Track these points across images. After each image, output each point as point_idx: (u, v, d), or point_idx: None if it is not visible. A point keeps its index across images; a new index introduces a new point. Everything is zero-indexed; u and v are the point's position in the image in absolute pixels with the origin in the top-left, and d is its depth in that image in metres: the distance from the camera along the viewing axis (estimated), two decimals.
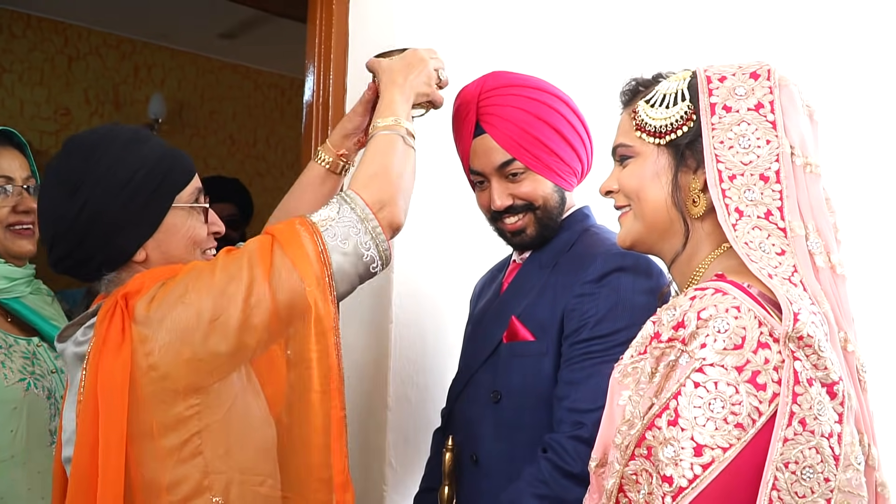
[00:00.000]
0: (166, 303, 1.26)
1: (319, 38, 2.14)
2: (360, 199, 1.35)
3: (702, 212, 1.16)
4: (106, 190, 1.30)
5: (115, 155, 1.32)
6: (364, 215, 1.34)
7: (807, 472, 0.96)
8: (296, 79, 5.38)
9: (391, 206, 1.37)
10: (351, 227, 1.33)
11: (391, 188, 1.38)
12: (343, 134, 1.67)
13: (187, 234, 1.38)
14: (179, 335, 1.24)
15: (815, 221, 1.11)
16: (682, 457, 0.97)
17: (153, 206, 1.34)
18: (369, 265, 1.34)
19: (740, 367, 0.98)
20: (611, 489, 1.07)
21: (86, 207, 1.29)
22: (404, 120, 1.46)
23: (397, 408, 1.97)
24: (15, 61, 4.51)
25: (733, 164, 1.12)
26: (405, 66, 1.53)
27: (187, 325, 1.24)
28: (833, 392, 0.99)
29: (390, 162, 1.41)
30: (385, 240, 1.36)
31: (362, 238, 1.33)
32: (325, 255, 1.29)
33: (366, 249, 1.33)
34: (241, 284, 1.25)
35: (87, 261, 1.33)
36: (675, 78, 1.20)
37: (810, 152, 1.14)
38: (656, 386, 1.04)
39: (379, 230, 1.35)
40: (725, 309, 1.01)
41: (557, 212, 1.64)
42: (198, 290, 1.26)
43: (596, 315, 1.50)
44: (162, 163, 1.35)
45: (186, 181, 1.39)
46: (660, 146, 1.19)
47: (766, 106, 1.13)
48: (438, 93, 1.59)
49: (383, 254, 1.36)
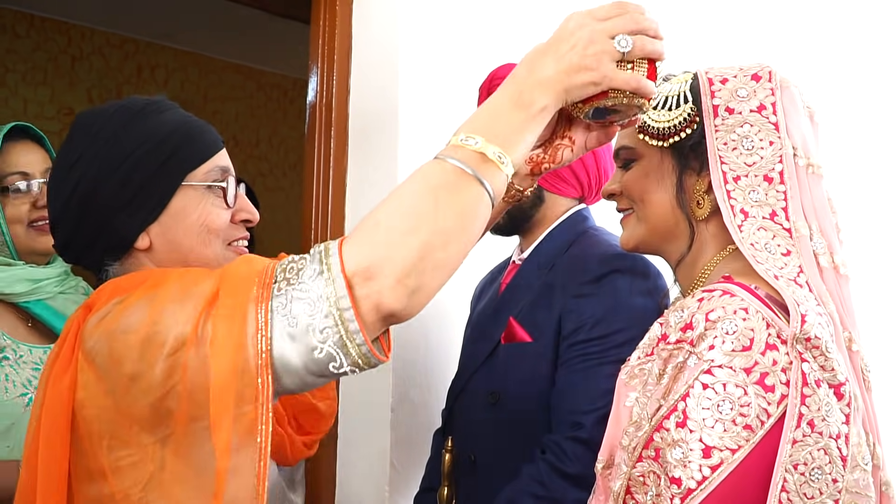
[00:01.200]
0: (112, 330, 0.99)
1: (322, 38, 2.15)
2: (337, 261, 0.90)
3: (706, 213, 1.16)
4: (101, 166, 1.11)
5: (116, 128, 1.13)
6: (333, 289, 0.89)
7: (815, 474, 0.97)
8: (299, 79, 5.39)
9: (386, 279, 0.89)
10: (309, 302, 0.90)
11: (399, 250, 0.90)
12: None
13: (200, 219, 1.14)
14: (106, 376, 0.98)
15: (818, 222, 1.12)
16: (690, 458, 0.97)
17: (157, 184, 1.12)
18: (327, 364, 0.91)
19: (749, 368, 0.98)
20: (618, 491, 1.07)
21: (79, 186, 1.11)
22: (491, 143, 0.94)
23: (399, 408, 1.97)
24: (18, 61, 4.52)
25: (737, 166, 1.12)
26: (545, 46, 1.00)
27: (115, 369, 0.97)
28: (840, 393, 0.99)
29: (418, 206, 0.92)
30: (359, 331, 0.89)
31: (318, 322, 0.89)
32: (265, 330, 0.91)
33: (320, 341, 0.89)
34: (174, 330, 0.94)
35: (87, 246, 1.15)
36: (676, 80, 1.21)
37: (812, 153, 1.14)
38: (664, 388, 1.04)
39: (350, 316, 0.89)
40: (734, 311, 1.01)
41: (528, 205, 1.63)
42: (133, 327, 0.97)
43: (593, 316, 1.50)
44: (173, 136, 1.14)
45: (203, 157, 1.16)
46: (663, 148, 1.19)
47: (769, 108, 1.13)
48: (629, 76, 0.98)
49: (354, 352, 0.90)
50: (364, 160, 2.07)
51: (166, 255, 1.14)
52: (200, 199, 1.15)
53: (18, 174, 1.70)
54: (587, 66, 0.97)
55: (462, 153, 0.94)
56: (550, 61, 0.97)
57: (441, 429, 1.81)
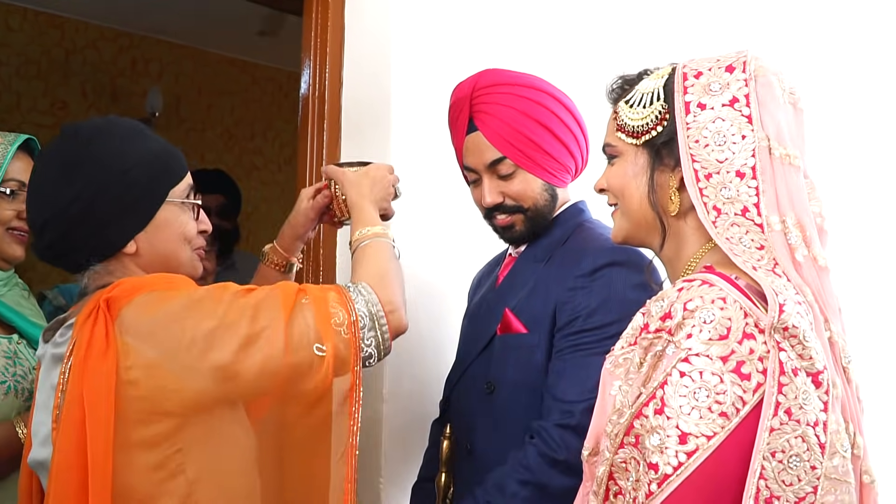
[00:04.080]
0: (158, 317, 1.22)
1: (315, 31, 2.14)
2: (375, 295, 1.34)
3: (676, 209, 1.18)
4: (103, 180, 1.28)
5: (114, 146, 1.31)
6: (376, 311, 1.33)
7: (793, 461, 0.98)
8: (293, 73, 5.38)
9: (399, 312, 1.37)
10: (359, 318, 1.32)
11: (399, 294, 1.39)
12: (295, 237, 1.68)
13: (178, 229, 1.37)
14: (166, 358, 1.20)
15: (794, 213, 1.12)
16: (667, 444, 0.99)
17: (148, 199, 1.33)
18: (365, 360, 1.32)
19: (725, 357, 1.00)
20: (601, 477, 1.08)
21: (81, 195, 1.27)
22: (388, 230, 1.49)
23: (392, 399, 1.98)
24: (12, 55, 4.51)
25: (709, 163, 1.13)
26: (371, 182, 1.57)
27: (177, 349, 1.20)
28: (818, 381, 1.01)
29: (393, 268, 1.42)
30: (389, 340, 1.36)
31: (367, 333, 1.32)
32: (356, 325, 1.30)
33: (367, 345, 1.31)
34: (250, 325, 1.23)
35: (75, 250, 1.31)
36: (654, 76, 1.22)
37: (788, 143, 1.14)
38: (644, 376, 1.05)
39: (386, 330, 1.34)
40: (711, 300, 1.02)
41: (548, 209, 1.66)
42: (198, 316, 1.22)
43: (588, 308, 1.52)
44: (159, 158, 1.35)
45: (181, 177, 1.38)
46: (637, 146, 1.21)
47: (742, 100, 1.14)
48: (392, 206, 1.64)
49: (383, 353, 1.36)
50: (357, 152, 2.08)
51: (149, 259, 1.34)
52: (179, 213, 1.37)
53: (15, 182, 1.76)
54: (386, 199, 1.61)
55: (388, 239, 1.49)
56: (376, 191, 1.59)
57: (438, 418, 1.83)
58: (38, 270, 3.10)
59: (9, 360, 1.71)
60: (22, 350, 1.75)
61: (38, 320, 1.81)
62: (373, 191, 1.56)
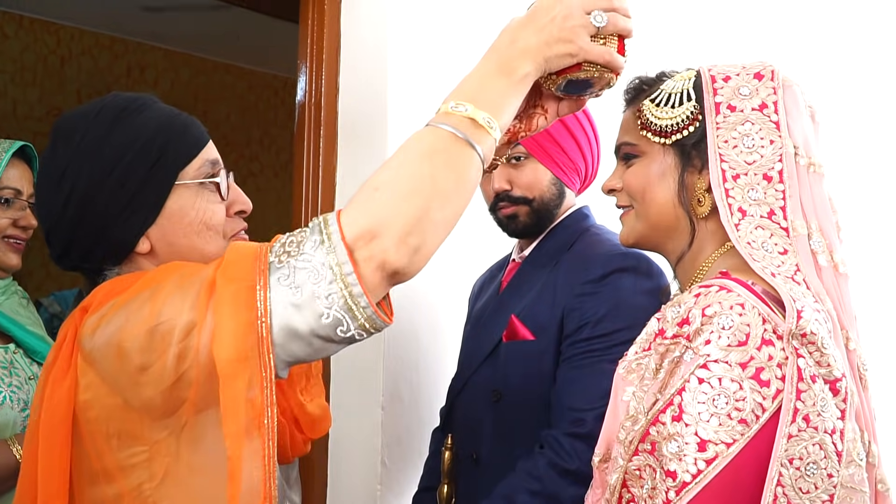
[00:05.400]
0: (108, 328, 0.99)
1: (311, 37, 2.15)
2: (336, 229, 0.93)
3: (707, 211, 1.17)
4: (91, 174, 1.09)
5: (99, 132, 1.11)
6: (335, 256, 0.91)
7: (811, 469, 0.97)
8: (289, 79, 5.37)
9: (390, 238, 0.92)
10: (312, 271, 0.92)
11: (401, 211, 0.93)
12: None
13: (198, 217, 1.13)
14: (110, 374, 0.99)
15: (818, 221, 1.12)
16: (685, 452, 0.98)
17: (150, 187, 1.11)
18: (334, 327, 0.93)
19: (744, 363, 0.99)
20: (614, 484, 1.07)
21: (72, 196, 1.09)
22: (480, 109, 0.98)
23: (390, 406, 1.97)
24: (7, 62, 4.49)
25: (737, 164, 1.13)
26: (526, 19, 1.04)
27: (121, 365, 0.97)
28: (836, 389, 1.00)
29: (416, 169, 0.96)
30: (362, 294, 0.91)
31: (323, 288, 0.91)
32: (265, 317, 0.93)
33: (326, 307, 0.91)
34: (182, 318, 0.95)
35: (87, 255, 1.13)
36: (679, 77, 1.21)
37: (813, 152, 1.15)
38: (660, 382, 1.04)
39: (354, 280, 0.91)
40: (730, 306, 1.01)
41: (554, 205, 1.65)
42: (136, 321, 0.97)
43: (596, 314, 1.51)
44: (159, 135, 1.12)
45: (192, 154, 1.14)
46: (665, 146, 1.19)
47: (770, 106, 1.14)
48: (603, 50, 1.04)
49: (360, 315, 0.93)
50: (353, 159, 2.07)
51: (168, 257, 1.13)
52: (196, 197, 1.14)
53: (11, 190, 1.74)
54: (565, 37, 1.02)
55: (453, 119, 0.98)
56: (531, 32, 1.02)
57: (440, 427, 1.81)
58: (35, 278, 3.07)
59: (5, 370, 1.69)
60: (18, 360, 1.73)
61: (37, 329, 1.80)
62: (521, 34, 1.02)
